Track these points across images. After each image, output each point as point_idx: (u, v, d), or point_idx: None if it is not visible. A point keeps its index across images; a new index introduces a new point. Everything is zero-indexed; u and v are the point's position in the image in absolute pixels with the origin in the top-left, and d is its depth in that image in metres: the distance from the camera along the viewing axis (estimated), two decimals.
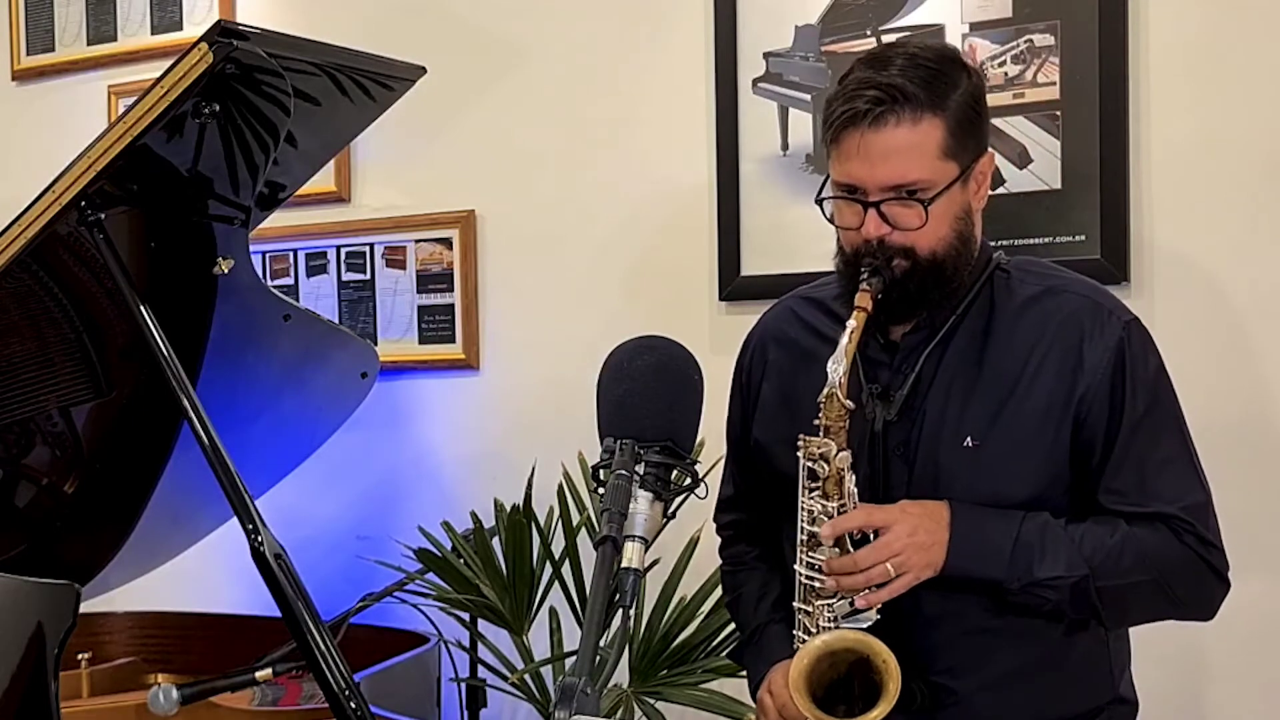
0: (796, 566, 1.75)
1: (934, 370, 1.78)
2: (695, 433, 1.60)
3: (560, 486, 2.88)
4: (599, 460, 1.54)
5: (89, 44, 3.78)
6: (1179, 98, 2.60)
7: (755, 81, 2.95)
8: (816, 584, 1.73)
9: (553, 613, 2.88)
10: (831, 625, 1.73)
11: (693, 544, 2.71)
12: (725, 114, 2.98)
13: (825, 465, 1.72)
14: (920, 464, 1.76)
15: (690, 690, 2.70)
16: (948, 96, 1.70)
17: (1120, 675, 1.85)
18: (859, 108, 1.69)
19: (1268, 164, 2.54)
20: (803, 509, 1.74)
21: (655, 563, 2.51)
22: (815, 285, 1.98)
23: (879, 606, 1.71)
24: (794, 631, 1.77)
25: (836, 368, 1.70)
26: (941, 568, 1.70)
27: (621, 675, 2.76)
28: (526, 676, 2.80)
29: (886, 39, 2.80)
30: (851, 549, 1.71)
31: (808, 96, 2.90)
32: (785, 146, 2.93)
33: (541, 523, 2.91)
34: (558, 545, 2.86)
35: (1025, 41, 2.68)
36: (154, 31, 3.69)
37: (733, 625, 2.66)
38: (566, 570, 2.84)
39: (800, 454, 1.74)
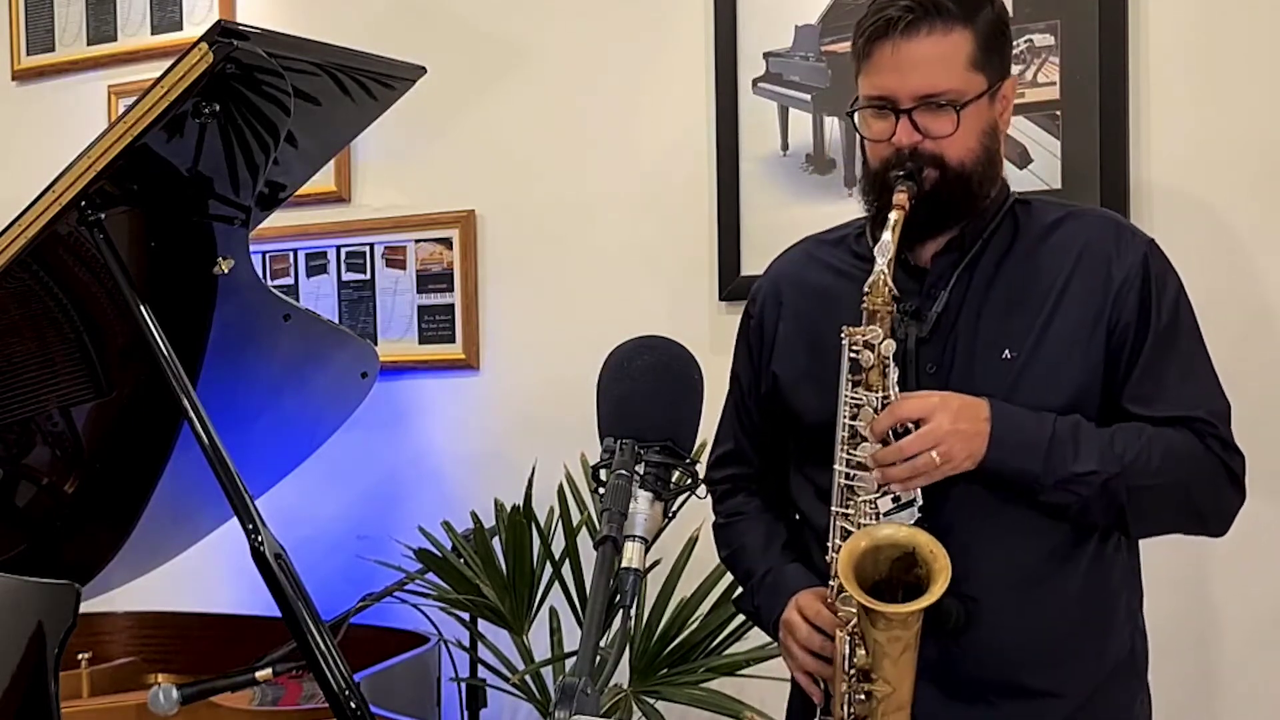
0: (836, 465, 1.74)
1: (965, 289, 1.80)
2: (695, 433, 1.60)
3: (560, 486, 2.88)
4: (599, 460, 1.54)
5: (89, 44, 3.79)
6: (1179, 98, 2.60)
7: (755, 81, 2.95)
8: (857, 483, 1.73)
9: (553, 613, 2.88)
10: (873, 523, 1.72)
11: (693, 544, 2.71)
12: (725, 114, 2.98)
13: (869, 353, 1.71)
14: (955, 380, 1.76)
15: (690, 690, 2.70)
16: (977, 11, 1.76)
17: (1139, 607, 1.88)
18: (891, 15, 1.73)
19: (1268, 164, 2.54)
20: (844, 403, 1.74)
21: (655, 563, 2.51)
22: (828, 231, 2.00)
23: (920, 504, 1.71)
24: (828, 542, 1.76)
25: (884, 253, 1.71)
26: (983, 459, 1.70)
27: (621, 675, 2.76)
28: (526, 676, 2.80)
29: None
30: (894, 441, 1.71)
31: (808, 96, 2.90)
32: (785, 146, 2.93)
33: (541, 523, 2.91)
34: (558, 545, 2.86)
35: (1025, 41, 2.68)
36: (154, 31, 3.69)
37: (733, 624, 2.69)
38: (566, 570, 2.84)
39: (844, 341, 1.74)
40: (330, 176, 3.39)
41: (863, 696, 1.70)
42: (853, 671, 1.70)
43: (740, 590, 2.04)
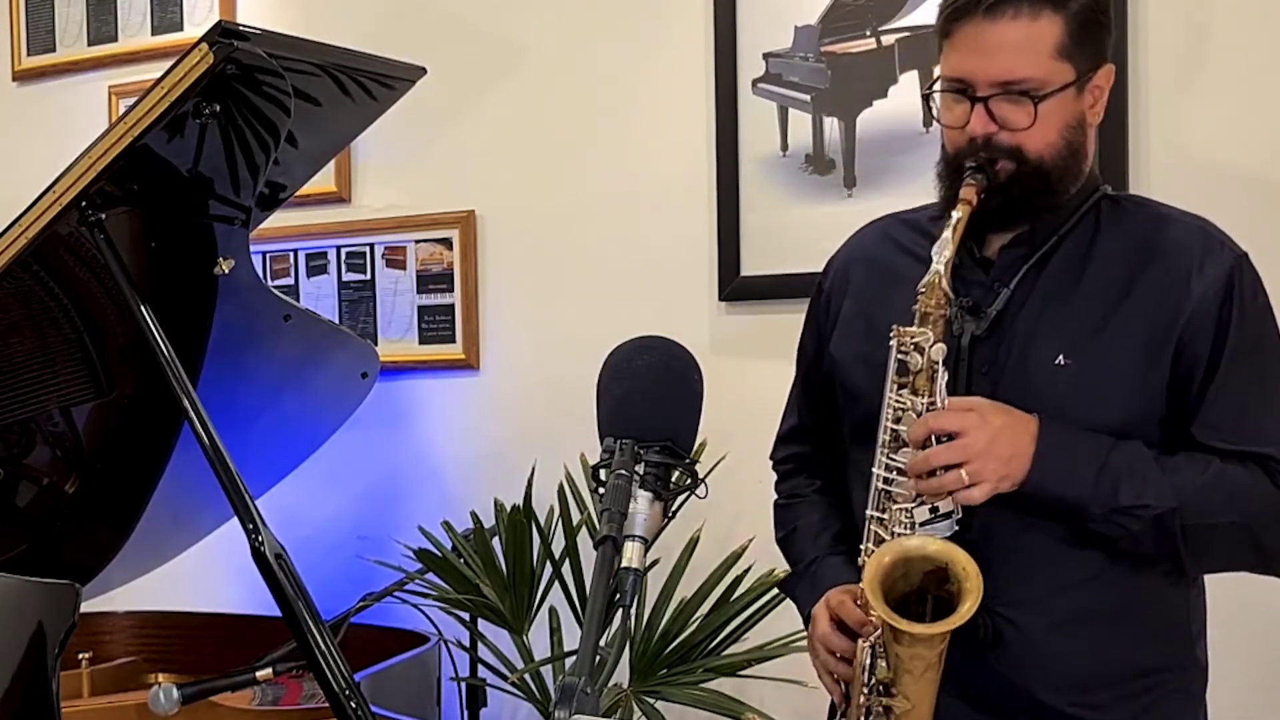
0: (875, 469, 1.67)
1: (1030, 289, 1.70)
2: (695, 433, 1.59)
3: (560, 486, 2.89)
4: (599, 460, 1.54)
5: (90, 44, 3.79)
6: (1179, 98, 2.60)
7: (755, 82, 2.96)
8: (894, 488, 1.65)
9: (553, 613, 2.88)
10: (907, 532, 1.64)
11: (693, 544, 2.71)
12: (725, 114, 2.98)
13: (919, 357, 1.63)
14: (1007, 383, 1.68)
15: (690, 690, 2.70)
16: None
17: (1197, 636, 1.77)
18: None
19: (1268, 165, 2.54)
20: (888, 405, 1.66)
21: (655, 563, 2.51)
22: (911, 210, 1.90)
23: (958, 516, 1.63)
24: (861, 545, 1.68)
25: (941, 253, 1.63)
26: (1022, 482, 1.61)
27: (621, 675, 2.76)
28: (526, 676, 2.80)
29: (886, 40, 2.81)
30: None
31: (807, 97, 2.90)
32: (785, 147, 2.93)
33: (542, 523, 2.92)
34: (558, 545, 2.86)
35: None
36: (154, 32, 3.70)
37: (733, 624, 2.69)
38: (566, 570, 2.84)
39: (893, 343, 1.66)
40: (330, 177, 3.39)
41: (881, 710, 1.64)
42: (873, 683, 1.65)
43: (788, 574, 1.96)
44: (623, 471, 1.49)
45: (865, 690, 1.66)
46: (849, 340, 1.85)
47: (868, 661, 1.65)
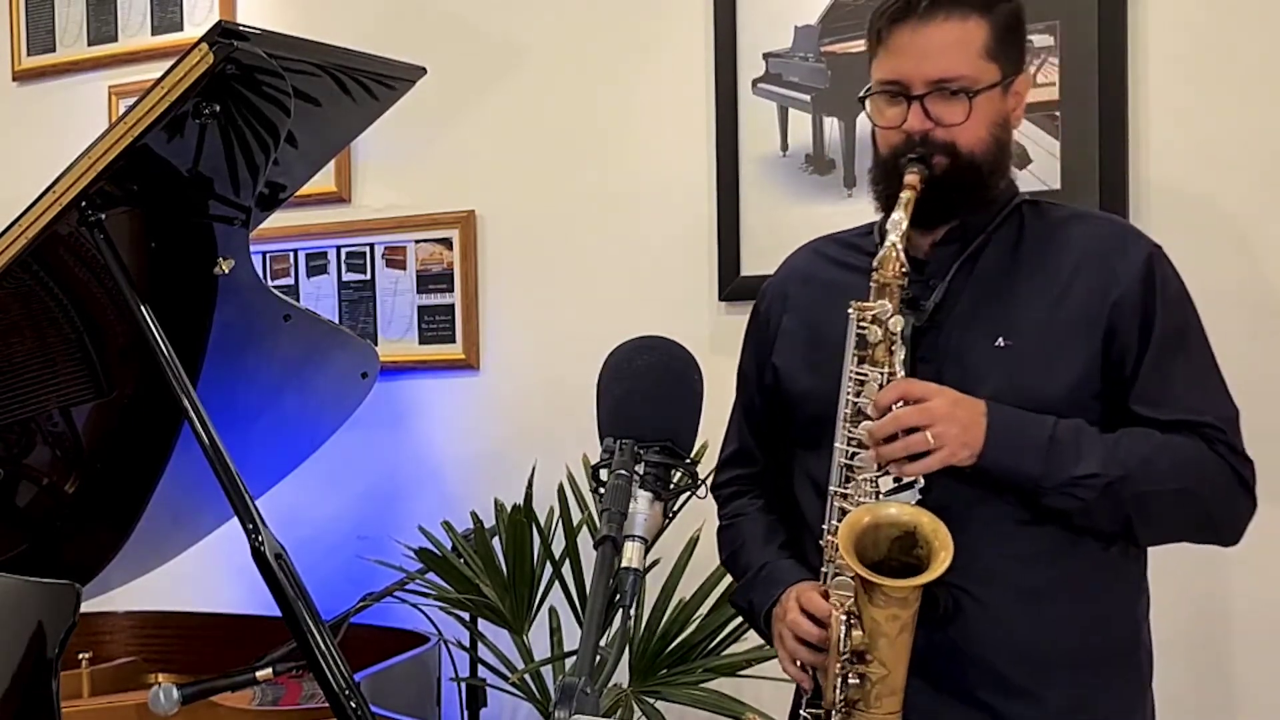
0: (837, 444, 1.73)
1: (964, 281, 1.79)
2: (695, 433, 1.60)
3: (560, 486, 2.88)
4: (599, 460, 1.54)
5: (90, 44, 3.79)
6: (1178, 98, 2.60)
7: (755, 82, 2.96)
8: (857, 462, 1.71)
9: (553, 613, 2.88)
10: (873, 501, 1.70)
11: (693, 544, 2.71)
12: (725, 114, 2.98)
13: (877, 329, 1.70)
14: (949, 369, 1.75)
15: (690, 690, 2.70)
16: (995, 3, 1.76)
17: (1142, 618, 1.85)
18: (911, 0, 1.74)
19: (1268, 164, 2.54)
20: (848, 378, 1.73)
21: (655, 563, 2.51)
22: (838, 232, 2.00)
23: (921, 485, 1.69)
24: (824, 524, 1.74)
25: (895, 229, 1.71)
26: (978, 456, 1.69)
27: (621, 675, 2.76)
28: (526, 676, 2.80)
29: None
30: None
31: (807, 97, 2.90)
32: (785, 147, 2.93)
33: (542, 523, 2.92)
34: (558, 545, 2.86)
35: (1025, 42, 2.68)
36: (154, 32, 3.69)
37: (733, 624, 2.69)
38: (567, 570, 2.84)
39: (851, 315, 1.73)
40: (330, 177, 3.39)
41: (856, 680, 1.67)
42: (846, 653, 1.67)
43: (735, 590, 2.01)
44: (623, 471, 1.49)
45: (840, 659, 1.68)
46: (792, 349, 1.91)
47: (842, 631, 1.68)
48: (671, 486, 1.54)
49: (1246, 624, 2.59)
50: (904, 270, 1.72)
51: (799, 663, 1.78)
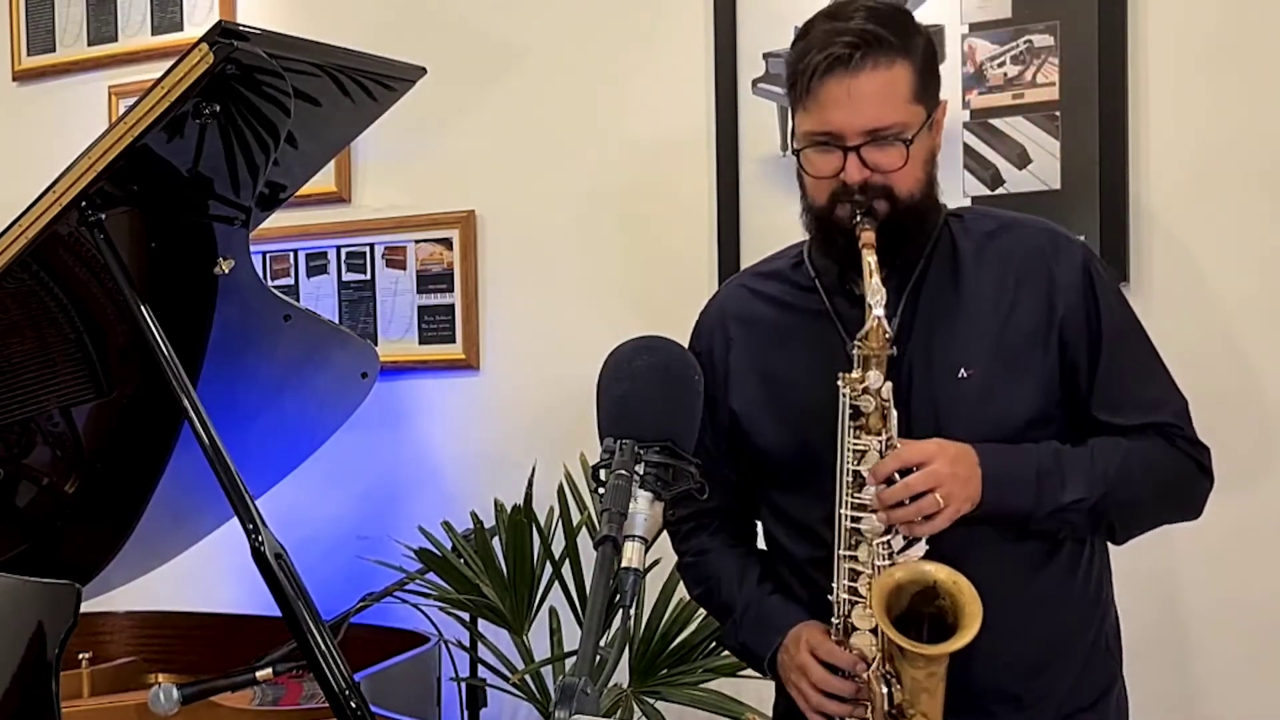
0: (839, 509, 1.75)
1: (912, 314, 1.82)
2: (695, 433, 1.60)
3: (560, 486, 2.89)
4: (599, 460, 1.54)
5: (90, 44, 3.79)
6: (1178, 98, 2.60)
7: (755, 82, 2.96)
8: (863, 526, 1.73)
9: (553, 613, 2.88)
10: (888, 564, 1.73)
11: None
12: (725, 114, 2.98)
13: (870, 399, 1.73)
14: (916, 405, 1.78)
15: (690, 690, 2.70)
16: (912, 40, 1.76)
17: (1109, 598, 1.92)
18: (837, 53, 1.72)
19: (1268, 164, 2.54)
20: (847, 449, 1.74)
21: (655, 563, 2.51)
22: (759, 264, 2.02)
23: (926, 539, 1.73)
24: (833, 583, 1.76)
25: (876, 299, 1.71)
26: (979, 505, 1.73)
27: (621, 675, 2.76)
28: (526, 676, 2.80)
29: None
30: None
31: None
32: (785, 147, 2.93)
33: (542, 523, 2.92)
34: (558, 545, 2.86)
35: (1025, 42, 2.68)
36: (154, 32, 3.69)
37: None
38: (566, 570, 2.84)
39: (844, 390, 1.74)
40: (330, 177, 3.39)
41: None
42: (891, 711, 1.72)
43: (720, 627, 2.04)
44: (623, 472, 1.49)
45: (885, 718, 1.73)
46: (747, 393, 1.92)
47: (884, 690, 1.72)
48: (671, 486, 1.54)
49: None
50: (888, 338, 1.73)
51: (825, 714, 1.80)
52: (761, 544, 2.03)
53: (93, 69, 3.77)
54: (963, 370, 1.78)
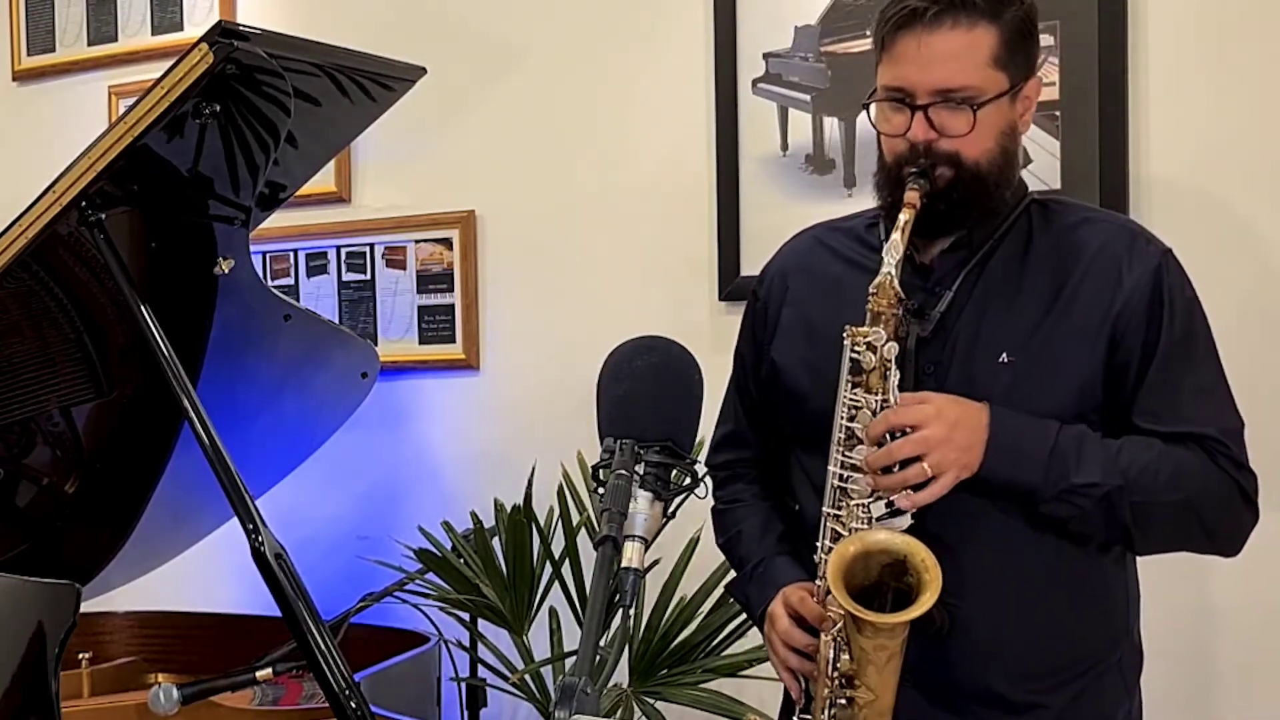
0: (830, 466, 1.71)
1: (970, 291, 1.76)
2: (695, 433, 1.60)
3: (560, 486, 2.89)
4: (599, 460, 1.54)
5: (90, 44, 3.79)
6: (1178, 97, 2.60)
7: (755, 82, 2.96)
8: (850, 486, 1.69)
9: (553, 613, 2.88)
10: (865, 527, 1.68)
11: (693, 544, 2.71)
12: (725, 114, 2.98)
13: (871, 355, 1.68)
14: (952, 381, 1.73)
15: (690, 690, 2.70)
16: (1005, 8, 1.71)
17: (1134, 620, 1.85)
18: (916, 6, 1.69)
19: (1268, 164, 2.54)
20: (842, 403, 1.70)
21: (655, 563, 2.51)
22: (841, 219, 1.97)
23: (913, 511, 1.67)
24: (817, 543, 1.72)
25: (891, 254, 1.68)
26: (978, 469, 1.66)
27: (621, 675, 2.76)
28: (526, 676, 2.80)
29: None
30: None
31: (807, 97, 2.90)
32: (785, 147, 2.93)
33: (541, 523, 2.92)
34: (558, 545, 2.86)
35: None
36: (154, 32, 3.70)
37: (733, 624, 2.69)
38: (566, 570, 2.84)
39: (846, 341, 1.70)
40: (330, 177, 3.39)
41: (844, 702, 1.67)
42: (836, 676, 1.67)
43: (734, 576, 2.00)
44: (623, 471, 1.49)
45: (829, 682, 1.68)
46: (790, 345, 1.89)
47: (831, 655, 1.68)
48: (671, 486, 1.54)
49: (1231, 625, 2.60)
50: (899, 299, 1.69)
51: (790, 669, 1.78)
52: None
53: (93, 69, 3.78)
54: (1004, 355, 1.73)
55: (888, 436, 1.66)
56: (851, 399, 1.70)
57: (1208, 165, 2.58)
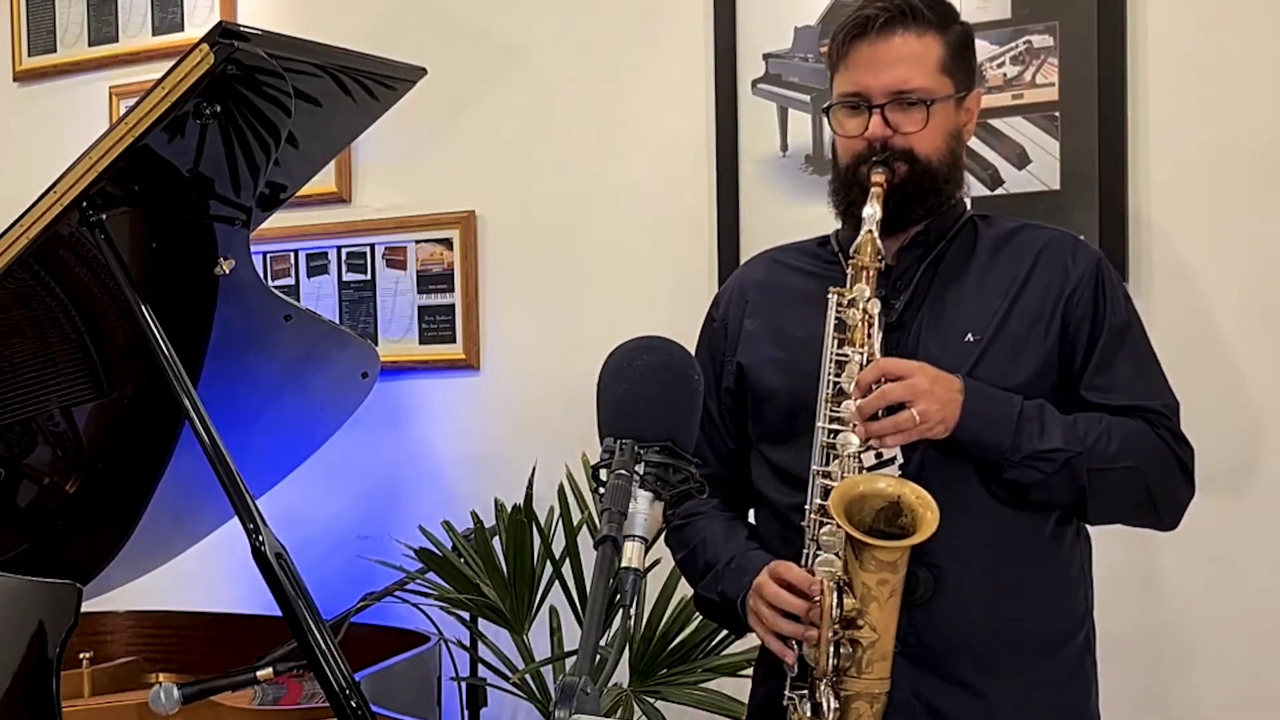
0: (819, 423, 1.80)
1: (929, 282, 1.90)
2: (695, 433, 1.60)
3: (561, 486, 2.89)
4: (599, 460, 1.54)
5: (90, 45, 3.79)
6: (1177, 98, 2.61)
7: (755, 82, 2.96)
8: (837, 441, 1.78)
9: (553, 612, 2.89)
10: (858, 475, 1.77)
11: None
12: (725, 115, 2.99)
13: (854, 312, 1.80)
14: (922, 359, 1.82)
15: (690, 690, 2.70)
16: (949, 22, 1.89)
17: (1091, 604, 1.95)
18: (870, 14, 1.85)
19: (1266, 163, 2.54)
20: (829, 360, 1.81)
21: (655, 563, 2.51)
22: (791, 243, 2.11)
23: (900, 460, 1.79)
24: (805, 505, 1.79)
25: (869, 216, 1.81)
26: (954, 427, 1.77)
27: (621, 675, 2.76)
28: (527, 676, 2.80)
29: None
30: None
31: (807, 97, 2.91)
32: (785, 147, 2.93)
33: (542, 523, 2.92)
34: (558, 545, 2.86)
35: (1024, 42, 2.68)
36: (155, 33, 3.70)
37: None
38: (567, 570, 2.84)
39: (830, 299, 1.83)
40: (331, 177, 3.40)
41: (848, 647, 1.72)
42: (838, 620, 1.72)
43: (699, 586, 2.01)
44: (623, 471, 1.49)
45: (833, 625, 1.72)
46: (755, 348, 1.99)
47: (834, 598, 1.72)
48: (671, 486, 1.54)
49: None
50: (880, 255, 1.82)
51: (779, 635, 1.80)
52: (752, 519, 2.04)
53: (93, 69, 3.78)
54: (970, 335, 1.85)
55: (875, 386, 1.76)
56: (839, 355, 1.81)
57: (1206, 165, 2.58)
